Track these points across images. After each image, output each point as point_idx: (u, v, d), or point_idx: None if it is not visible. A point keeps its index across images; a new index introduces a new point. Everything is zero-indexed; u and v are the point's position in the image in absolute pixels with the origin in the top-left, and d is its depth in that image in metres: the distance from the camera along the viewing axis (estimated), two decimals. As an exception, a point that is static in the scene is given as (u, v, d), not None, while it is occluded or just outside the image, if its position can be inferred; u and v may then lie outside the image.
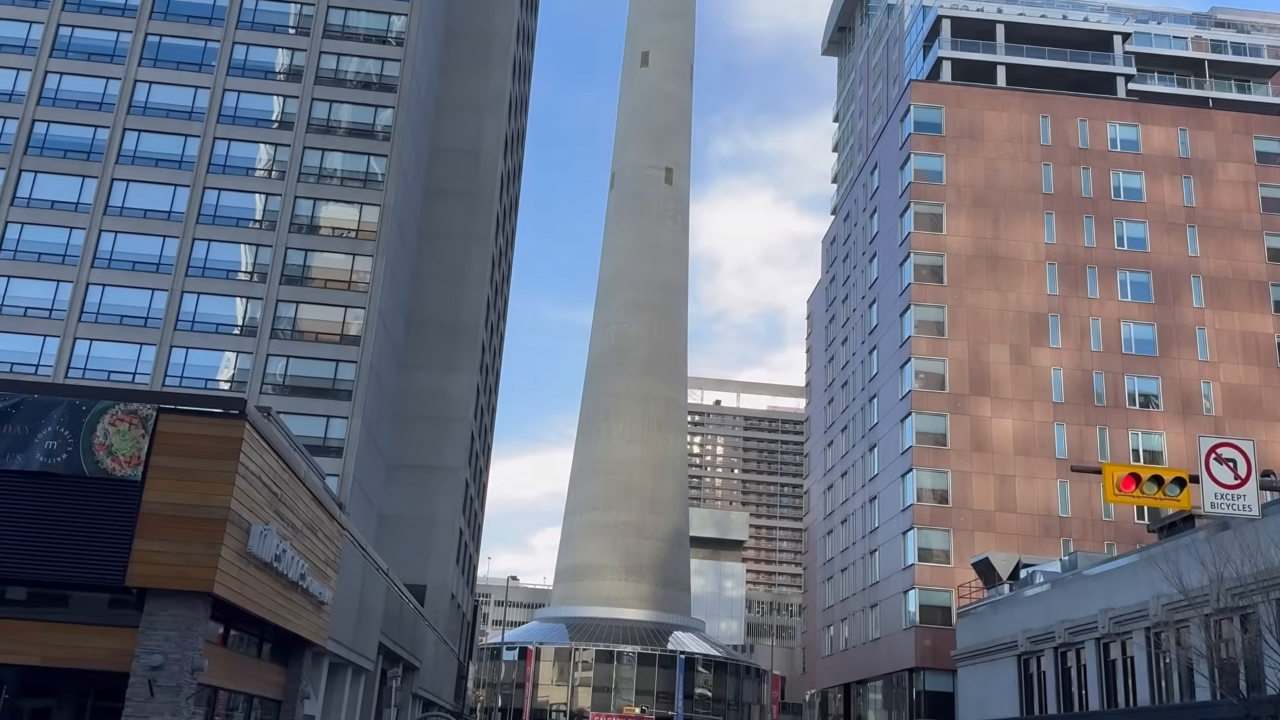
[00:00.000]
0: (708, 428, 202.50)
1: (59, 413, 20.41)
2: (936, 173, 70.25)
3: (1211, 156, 69.96)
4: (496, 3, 79.07)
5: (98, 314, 56.39)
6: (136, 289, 57.39)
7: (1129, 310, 67.03)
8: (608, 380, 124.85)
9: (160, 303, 57.14)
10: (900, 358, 67.96)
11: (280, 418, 32.10)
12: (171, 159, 60.05)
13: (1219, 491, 20.24)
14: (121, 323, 56.73)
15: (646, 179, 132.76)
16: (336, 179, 61.68)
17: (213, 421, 21.31)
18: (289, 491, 23.82)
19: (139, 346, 56.03)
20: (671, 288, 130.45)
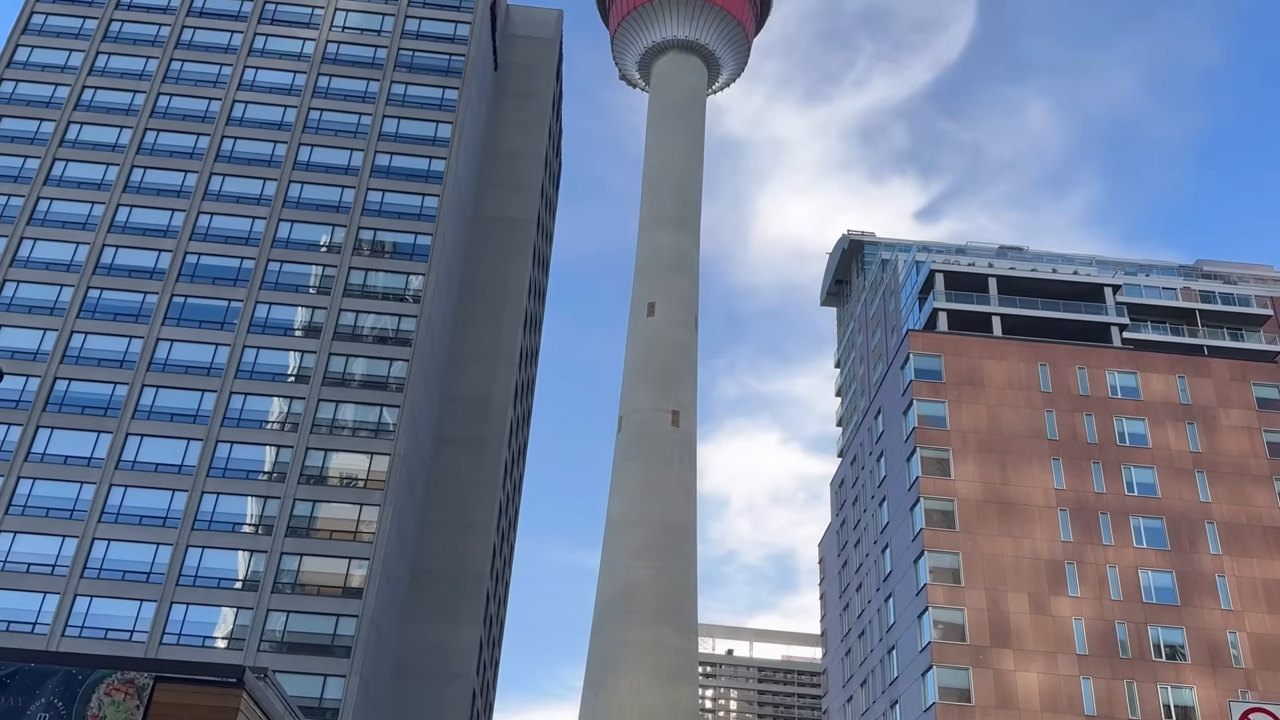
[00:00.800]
0: (720, 679, 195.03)
1: (54, 682, 19.96)
2: (940, 418, 71.08)
3: (1212, 403, 70.99)
4: (511, 261, 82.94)
5: (100, 569, 55.94)
6: (141, 543, 57.18)
7: (1146, 557, 66.02)
8: (615, 629, 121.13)
9: (164, 557, 56.75)
10: (917, 606, 66.38)
11: (277, 679, 31.21)
12: (186, 413, 61.25)
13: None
14: (124, 578, 56.13)
15: (653, 422, 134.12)
16: (348, 429, 62.63)
17: (210, 690, 20.81)
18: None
19: (138, 603, 55.19)
20: (680, 530, 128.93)
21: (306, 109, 74.16)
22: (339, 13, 79.31)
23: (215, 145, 71.79)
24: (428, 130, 74.65)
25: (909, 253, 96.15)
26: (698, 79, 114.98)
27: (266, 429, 61.84)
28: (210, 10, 78.27)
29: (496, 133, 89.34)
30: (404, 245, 70.19)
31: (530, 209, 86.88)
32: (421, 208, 71.48)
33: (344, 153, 72.82)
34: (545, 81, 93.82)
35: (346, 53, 77.70)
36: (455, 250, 76.30)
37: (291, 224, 68.99)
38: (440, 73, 77.58)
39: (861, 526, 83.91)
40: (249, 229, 68.53)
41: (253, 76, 75.28)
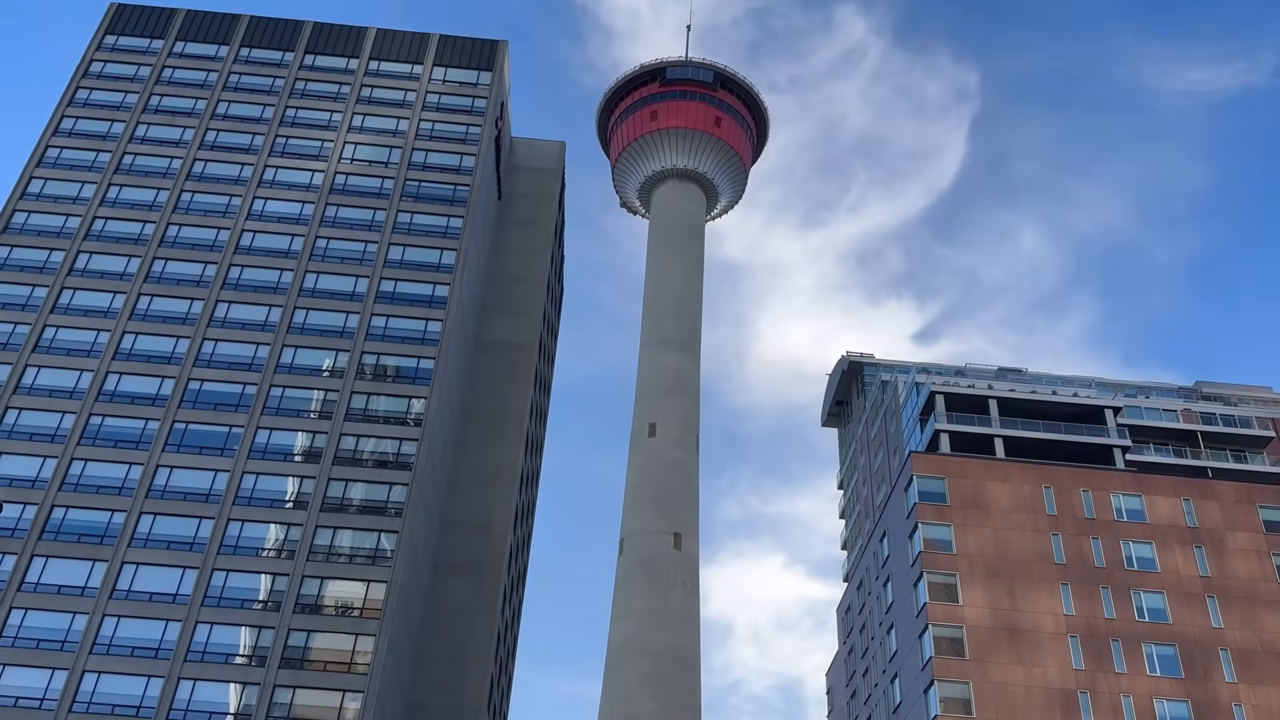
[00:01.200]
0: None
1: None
2: (946, 542, 70.26)
3: (1219, 526, 70.30)
4: (512, 384, 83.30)
5: (90, 703, 54.54)
6: (133, 676, 55.88)
7: (1160, 686, 64.36)
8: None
9: (155, 689, 55.41)
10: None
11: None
12: (183, 541, 60.67)
13: None
14: (113, 711, 54.66)
15: (655, 545, 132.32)
16: (345, 556, 61.88)
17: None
18: None
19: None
20: (684, 657, 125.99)
21: (314, 237, 75.55)
22: (348, 145, 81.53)
23: (222, 273, 72.88)
24: (432, 257, 75.89)
25: (908, 374, 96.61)
26: (697, 205, 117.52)
27: (263, 556, 61.10)
28: (222, 144, 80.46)
29: (500, 259, 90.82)
30: (406, 369, 70.58)
31: (532, 332, 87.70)
32: (425, 332, 72.13)
33: (349, 279, 73.88)
34: (548, 210, 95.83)
35: (355, 183, 79.57)
36: (457, 374, 76.72)
37: (295, 349, 69.52)
38: (445, 202, 79.31)
39: (870, 655, 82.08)
40: (252, 355, 69.02)
41: (262, 207, 76.93)
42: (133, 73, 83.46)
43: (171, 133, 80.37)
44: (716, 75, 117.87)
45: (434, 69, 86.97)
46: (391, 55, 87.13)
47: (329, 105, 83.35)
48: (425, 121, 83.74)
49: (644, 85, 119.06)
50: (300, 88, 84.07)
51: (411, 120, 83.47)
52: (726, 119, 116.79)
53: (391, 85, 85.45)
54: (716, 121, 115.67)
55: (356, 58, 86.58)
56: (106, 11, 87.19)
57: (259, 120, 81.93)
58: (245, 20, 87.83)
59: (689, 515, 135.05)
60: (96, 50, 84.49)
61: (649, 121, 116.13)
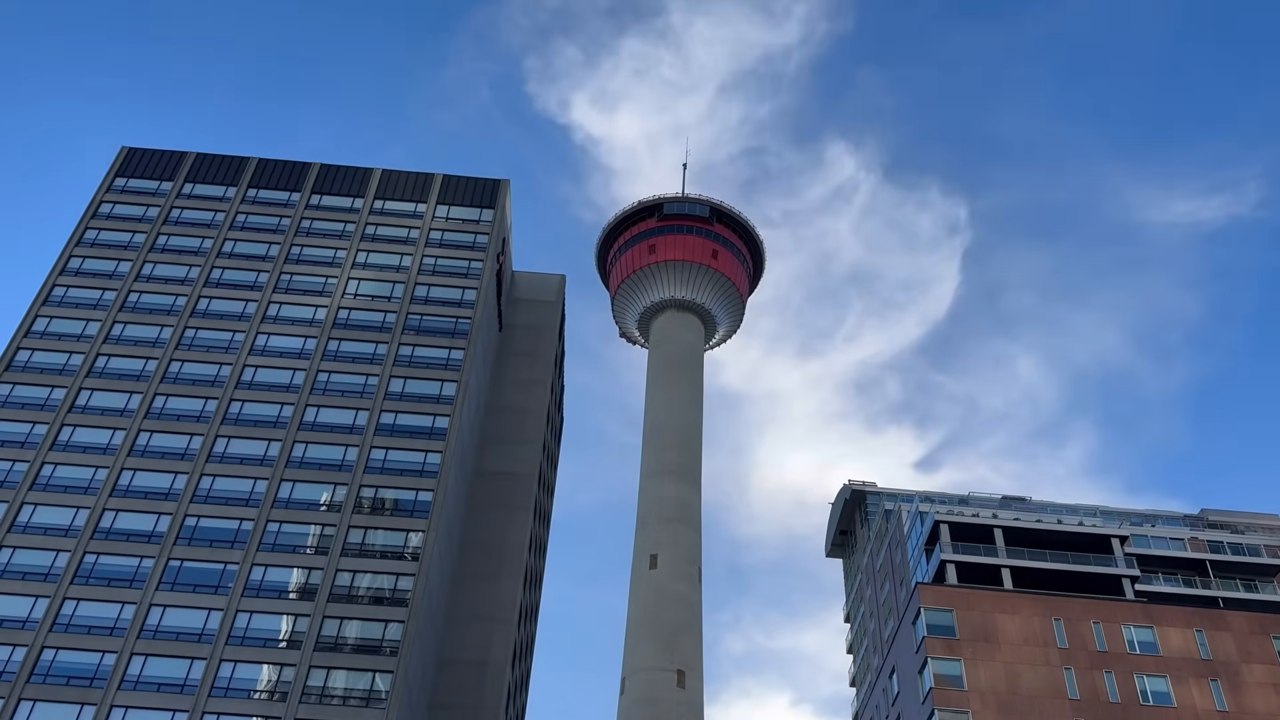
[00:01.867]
0: None
1: None
2: (957, 677, 68.70)
3: (1234, 658, 68.87)
4: (511, 516, 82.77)
5: None
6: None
7: (1185, 830, 62.02)
8: None
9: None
10: None
11: None
12: (174, 683, 59.40)
13: None
14: None
15: (658, 682, 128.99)
16: (338, 698, 60.43)
17: None
18: None
19: None
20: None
21: (315, 371, 76.19)
22: (352, 281, 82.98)
23: (223, 408, 73.22)
24: (433, 389, 76.40)
25: (912, 503, 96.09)
26: (695, 335, 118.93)
27: (254, 699, 59.67)
28: (228, 281, 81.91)
29: (500, 389, 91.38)
30: (405, 502, 70.24)
31: (532, 463, 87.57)
32: (424, 464, 72.05)
33: (349, 412, 74.20)
34: (548, 341, 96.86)
35: (357, 318, 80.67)
36: (456, 506, 76.33)
37: (294, 484, 69.34)
38: (447, 334, 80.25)
39: (881, 797, 79.30)
40: (250, 490, 68.82)
41: (265, 342, 77.80)
42: (141, 213, 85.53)
43: (178, 270, 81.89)
44: (712, 210, 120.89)
45: (437, 206, 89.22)
46: (396, 194, 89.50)
47: (334, 242, 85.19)
48: (428, 257, 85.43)
49: (642, 220, 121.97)
50: (306, 226, 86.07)
51: (415, 256, 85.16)
52: (723, 251, 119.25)
53: (395, 223, 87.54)
54: (713, 254, 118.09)
55: (362, 197, 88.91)
56: (118, 154, 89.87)
57: (265, 258, 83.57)
58: (253, 163, 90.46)
59: (693, 651, 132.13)
60: (107, 191, 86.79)
61: (647, 255, 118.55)
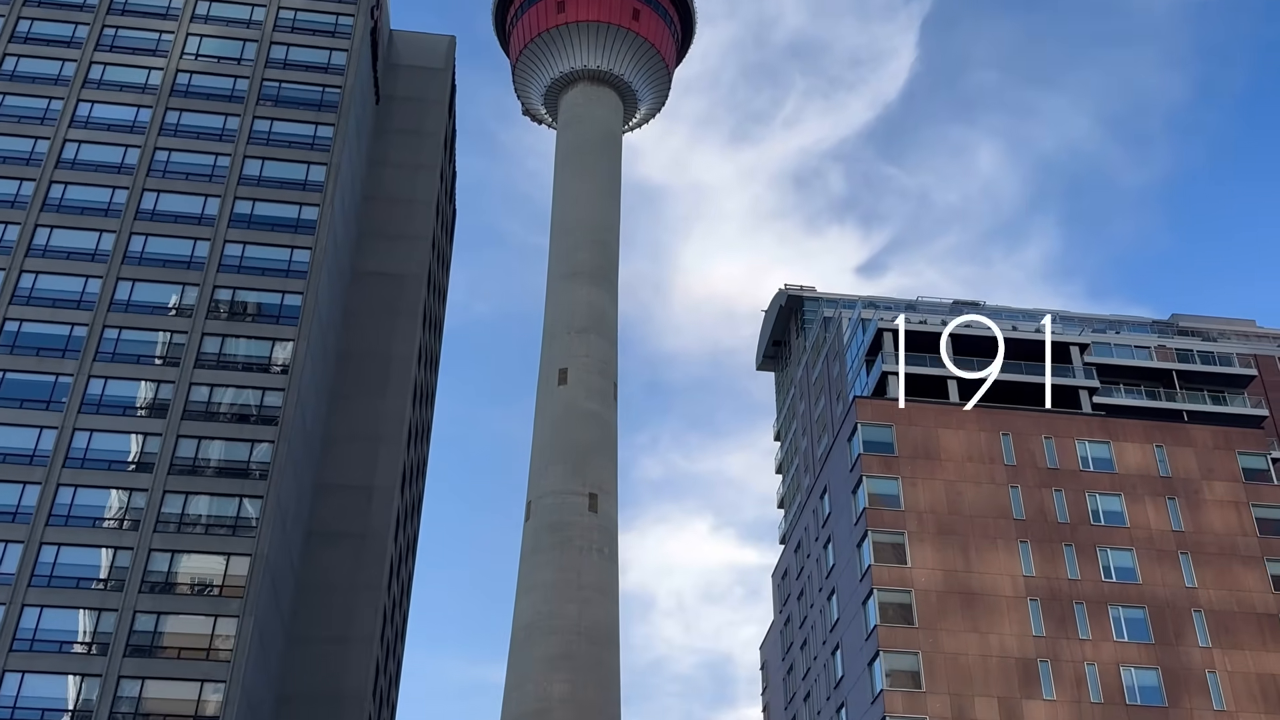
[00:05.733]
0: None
1: None
2: (893, 497, 71.79)
3: (1194, 475, 72.97)
4: (396, 324, 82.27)
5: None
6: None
7: (1128, 652, 67.03)
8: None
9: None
10: (874, 716, 66.27)
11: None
12: (5, 511, 59.15)
13: None
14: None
15: (568, 507, 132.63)
16: (200, 526, 60.97)
17: None
18: None
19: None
20: (600, 635, 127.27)
21: (152, 149, 73.15)
22: (191, 39, 78.74)
23: (41, 193, 70.27)
24: (297, 173, 74.13)
25: (854, 309, 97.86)
26: (612, 114, 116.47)
27: (101, 528, 59.85)
28: (36, 36, 77.10)
29: (379, 175, 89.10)
30: (268, 306, 69.18)
31: (419, 263, 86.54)
32: (290, 262, 70.68)
33: (197, 199, 71.87)
34: (436, 117, 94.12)
35: (200, 84, 77.05)
36: (330, 311, 75.47)
37: (133, 283, 67.59)
38: (312, 107, 77.31)
39: (808, 625, 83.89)
40: (81, 290, 66.95)
41: (87, 112, 74.15)
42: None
43: (-26, 22, 76.87)
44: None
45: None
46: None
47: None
48: (286, 10, 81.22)
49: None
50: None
51: (269, 7, 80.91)
52: (646, 10, 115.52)
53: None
54: (635, 14, 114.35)
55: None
56: None
57: (82, 7, 78.67)
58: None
59: (606, 473, 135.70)
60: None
61: (555, 13, 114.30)
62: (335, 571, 71.06)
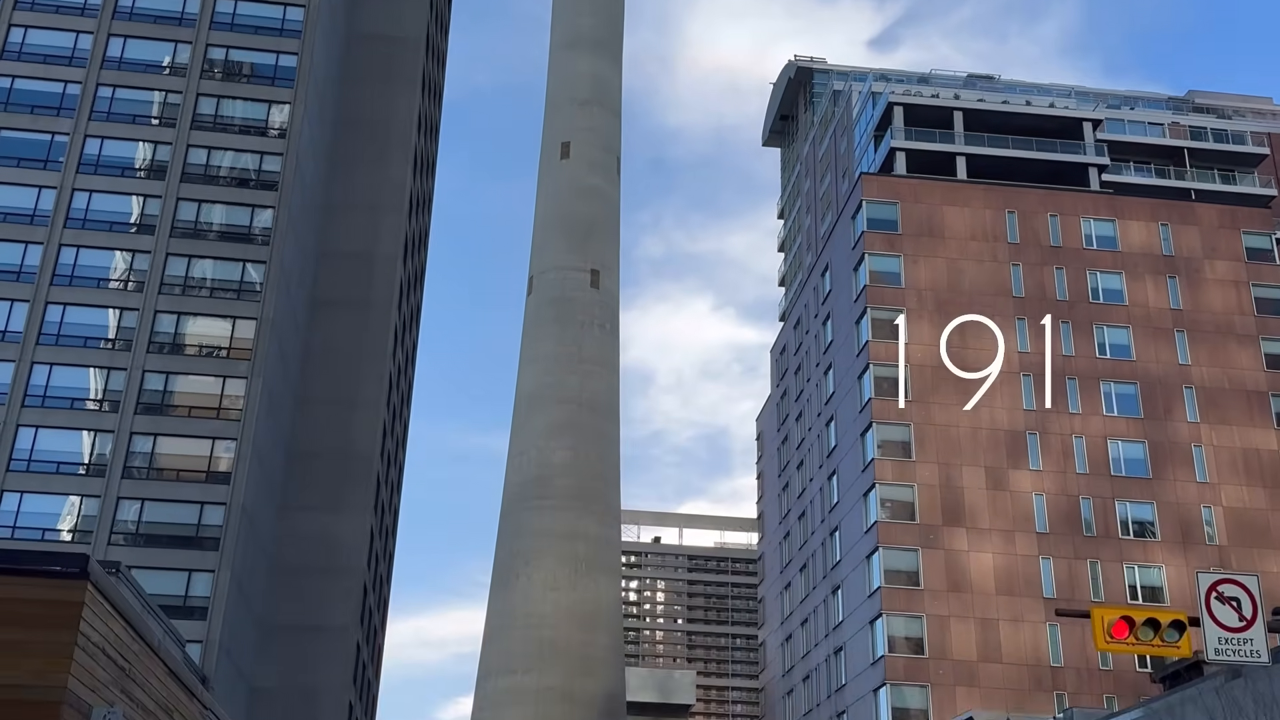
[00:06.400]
0: (646, 569, 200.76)
1: None
2: (894, 274, 72.22)
3: (1197, 254, 73.11)
4: (395, 89, 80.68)
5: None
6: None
7: (1116, 426, 68.78)
8: (527, 517, 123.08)
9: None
10: (863, 484, 68.60)
11: (131, 574, 31.30)
12: (9, 270, 59.42)
13: (1223, 636, 20.52)
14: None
15: (569, 282, 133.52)
16: (205, 290, 61.46)
17: (48, 583, 20.55)
18: (139, 665, 22.98)
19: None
20: (601, 406, 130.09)
21: (138, -103, 70.07)
22: None
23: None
24: (290, -74, 71.22)
25: (864, 82, 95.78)
26: None
27: (107, 289, 60.37)
28: None
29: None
30: (263, 67, 67.77)
31: (418, 25, 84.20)
32: (284, 21, 68.79)
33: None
34: None
35: None
36: (327, 75, 73.96)
37: (124, 39, 65.93)
38: None
39: (804, 398, 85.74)
40: (72, 45, 65.35)
41: None
42: None
43: None
44: None
45: None
46: None
47: None
48: None
49: None
50: None
51: None
52: None
53: None
54: None
55: None
56: None
57: None
58: None
59: (608, 250, 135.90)
60: None
61: None
62: (340, 337, 72.02)
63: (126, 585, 26.12)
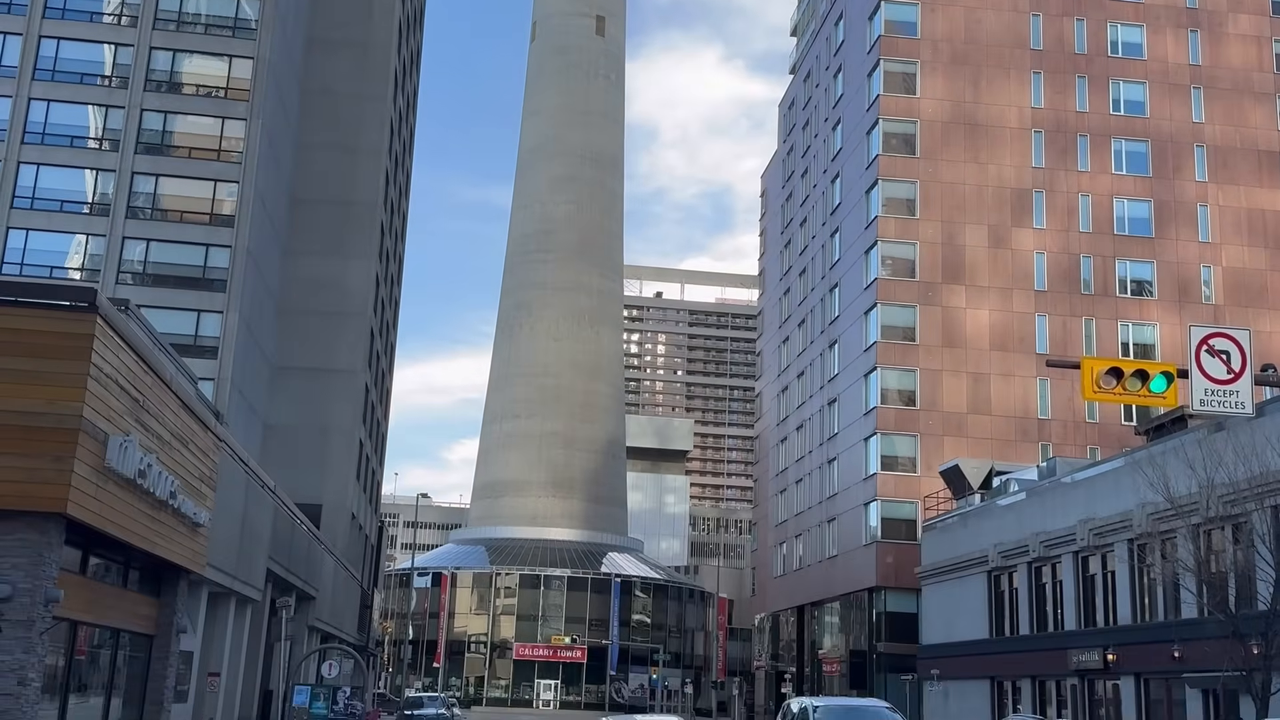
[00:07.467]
0: (647, 323, 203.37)
1: None
2: (910, 24, 69.95)
3: (1222, 6, 70.49)
4: None
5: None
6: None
7: (1123, 185, 68.11)
8: (531, 269, 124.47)
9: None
10: (865, 241, 68.55)
11: (141, 312, 31.58)
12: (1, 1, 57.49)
13: (1209, 387, 20.74)
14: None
15: (574, 29, 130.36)
16: (200, 25, 59.57)
17: (57, 315, 20.76)
18: (153, 398, 23.50)
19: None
20: (604, 159, 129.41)
21: None
22: None
23: None
24: None
25: None
26: None
27: (100, 23, 58.44)
28: None
29: None
30: None
31: None
32: None
33: None
34: None
35: None
36: None
37: None
38: None
39: (811, 154, 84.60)
40: None
41: None
42: None
43: None
44: None
45: None
46: None
47: None
48: None
49: None
50: None
51: None
52: None
53: None
54: None
55: None
56: None
57: None
58: None
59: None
60: None
61: None
62: (340, 80, 70.26)
63: (136, 321, 26.37)
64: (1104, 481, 42.90)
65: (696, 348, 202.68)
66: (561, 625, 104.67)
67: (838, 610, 71.91)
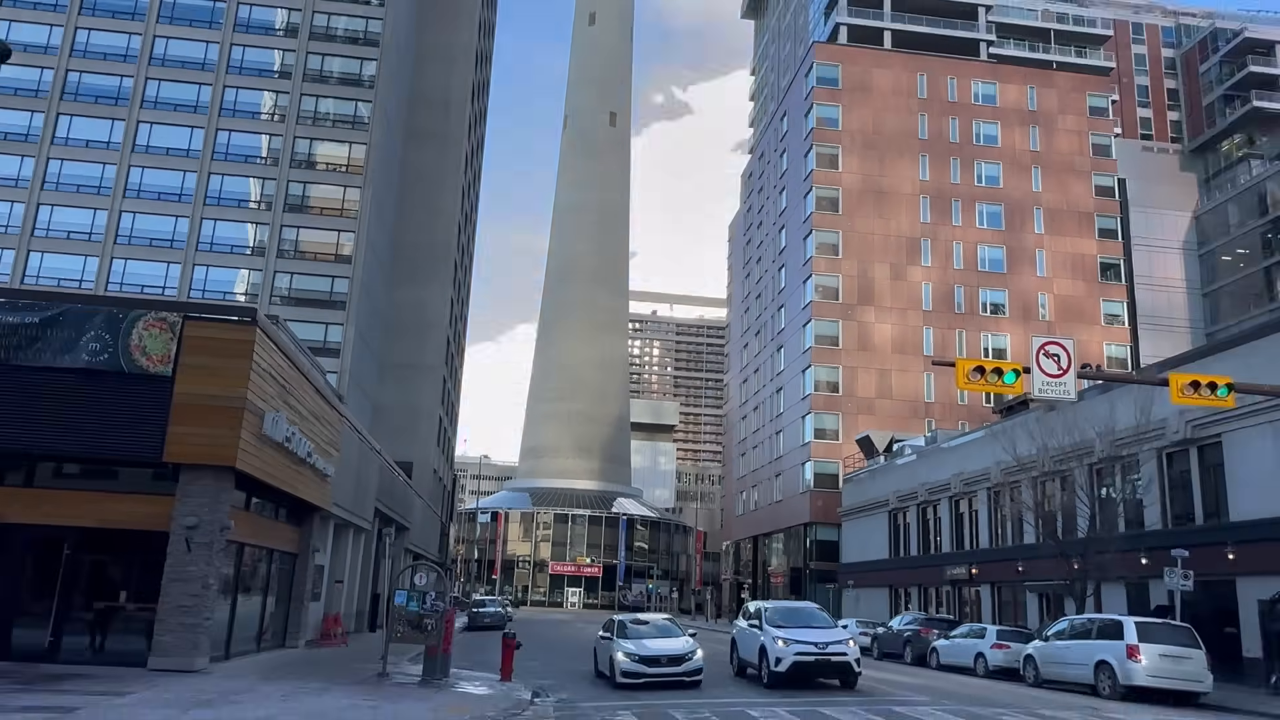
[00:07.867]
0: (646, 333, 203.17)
1: (99, 320, 19.97)
2: (834, 120, 70.00)
3: (1053, 110, 70.59)
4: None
5: (130, 238, 54.70)
6: (162, 216, 55.67)
7: (984, 235, 68.18)
8: (562, 290, 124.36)
9: (183, 228, 55.52)
10: (803, 274, 68.60)
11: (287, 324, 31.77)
12: (188, 104, 57.70)
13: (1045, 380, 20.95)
14: (150, 244, 55.14)
15: (595, 121, 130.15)
16: (329, 122, 59.77)
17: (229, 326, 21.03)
18: (295, 385, 23.71)
19: (166, 265, 54.62)
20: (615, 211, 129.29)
21: None
22: None
23: None
24: None
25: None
26: None
27: (259, 119, 58.67)
28: None
29: None
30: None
31: (482, -80, 78.28)
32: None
33: None
34: None
35: None
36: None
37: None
38: None
39: (764, 211, 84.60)
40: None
41: None
42: None
43: None
44: None
45: None
46: None
47: None
48: None
49: None
50: None
51: None
52: None
53: None
54: None
55: None
56: None
57: None
58: None
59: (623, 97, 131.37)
60: None
61: None
62: (427, 162, 70.46)
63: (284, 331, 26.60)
64: (971, 447, 43.02)
65: (682, 350, 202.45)
66: (584, 549, 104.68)
67: (782, 539, 72.01)
